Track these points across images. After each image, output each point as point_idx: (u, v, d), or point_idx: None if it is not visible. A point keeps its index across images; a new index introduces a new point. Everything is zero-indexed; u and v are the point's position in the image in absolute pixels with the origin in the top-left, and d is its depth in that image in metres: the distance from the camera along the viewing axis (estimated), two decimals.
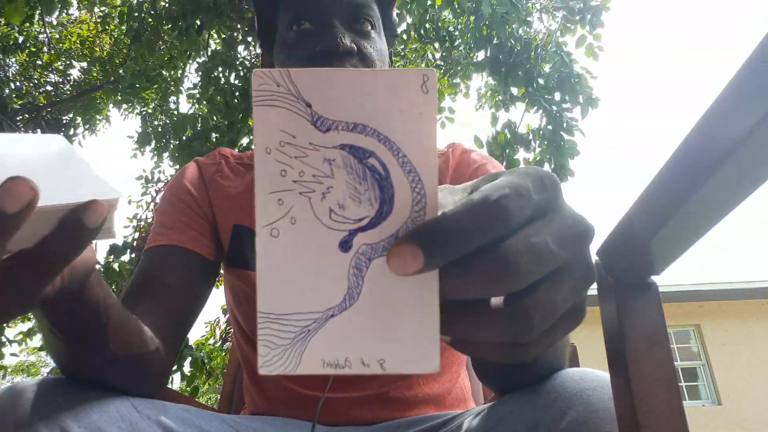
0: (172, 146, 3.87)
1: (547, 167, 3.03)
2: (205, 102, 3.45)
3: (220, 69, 3.36)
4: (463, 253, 0.21)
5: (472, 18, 3.25)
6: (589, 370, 0.45)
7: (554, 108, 3.15)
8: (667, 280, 6.61)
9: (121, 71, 4.22)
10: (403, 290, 0.22)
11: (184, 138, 3.34)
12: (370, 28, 0.70)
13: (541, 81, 3.20)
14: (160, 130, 4.29)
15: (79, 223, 0.29)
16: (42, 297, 0.33)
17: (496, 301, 0.23)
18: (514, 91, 3.26)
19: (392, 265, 0.21)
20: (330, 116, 0.22)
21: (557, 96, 3.19)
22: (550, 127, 3.13)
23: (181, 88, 4.31)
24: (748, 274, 7.44)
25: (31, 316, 0.44)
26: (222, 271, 0.76)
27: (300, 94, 0.22)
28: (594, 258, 0.27)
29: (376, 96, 0.22)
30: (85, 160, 0.34)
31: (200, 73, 3.47)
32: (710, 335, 7.43)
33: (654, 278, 0.30)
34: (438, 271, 0.22)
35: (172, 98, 4.37)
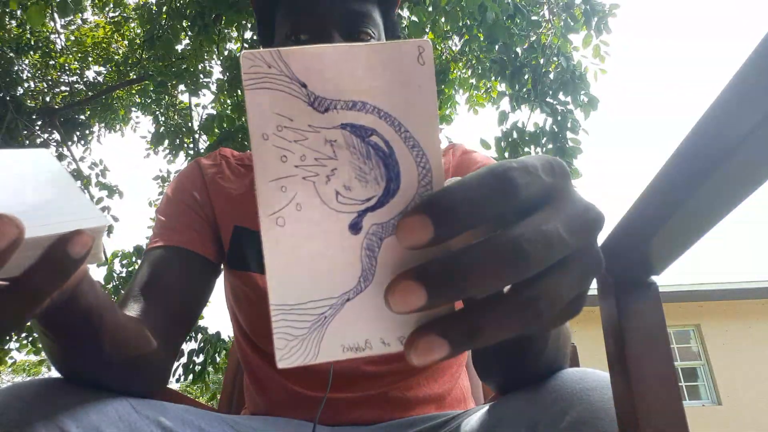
0: (187, 145, 3.89)
1: None
2: (229, 103, 3.47)
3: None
4: (472, 225, 0.20)
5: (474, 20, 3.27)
6: (589, 370, 0.45)
7: (559, 108, 3.18)
8: (667, 280, 6.61)
9: (150, 71, 4.20)
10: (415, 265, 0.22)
11: (207, 137, 3.38)
12: (369, 38, 0.68)
13: (546, 80, 3.23)
14: (172, 129, 4.28)
15: (64, 254, 0.29)
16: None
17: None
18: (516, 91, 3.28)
19: (401, 237, 0.20)
20: (327, 96, 0.21)
21: (561, 96, 3.22)
22: (555, 127, 3.15)
23: (205, 81, 4.26)
24: (748, 274, 7.42)
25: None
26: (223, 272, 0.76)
27: (294, 75, 0.21)
28: None
29: (373, 71, 0.21)
30: (72, 181, 0.33)
31: (226, 76, 3.49)
32: (710, 335, 7.43)
33: (654, 278, 0.30)
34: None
35: (201, 91, 4.32)
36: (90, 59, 6.00)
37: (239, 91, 3.37)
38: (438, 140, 0.22)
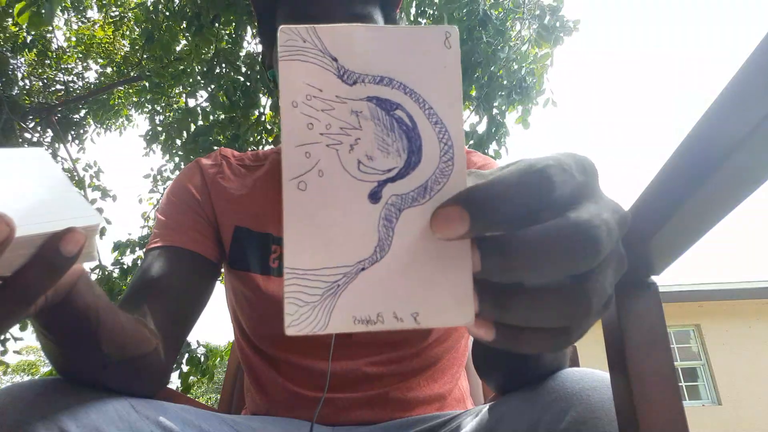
0: (179, 143, 3.89)
1: None
2: (208, 97, 3.47)
3: (223, 66, 3.38)
4: (508, 220, 0.20)
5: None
6: (589, 370, 0.45)
7: (498, 118, 3.28)
8: (667, 280, 6.61)
9: (147, 71, 4.20)
10: (434, 240, 0.22)
11: (188, 133, 3.37)
12: None
13: (498, 84, 3.29)
14: (169, 128, 4.29)
15: (56, 252, 0.29)
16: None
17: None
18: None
19: (436, 226, 0.21)
20: (356, 70, 0.22)
21: (500, 104, 3.32)
22: (484, 134, 3.23)
23: (202, 83, 4.26)
24: (748, 274, 7.41)
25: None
26: (223, 272, 0.76)
27: (326, 49, 0.22)
28: None
29: (402, 51, 0.22)
30: (66, 180, 0.33)
31: (203, 69, 3.49)
32: (710, 335, 7.42)
33: (654, 278, 0.30)
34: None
35: (199, 92, 4.31)
36: (90, 59, 6.00)
37: (221, 93, 3.36)
38: (461, 118, 0.23)
